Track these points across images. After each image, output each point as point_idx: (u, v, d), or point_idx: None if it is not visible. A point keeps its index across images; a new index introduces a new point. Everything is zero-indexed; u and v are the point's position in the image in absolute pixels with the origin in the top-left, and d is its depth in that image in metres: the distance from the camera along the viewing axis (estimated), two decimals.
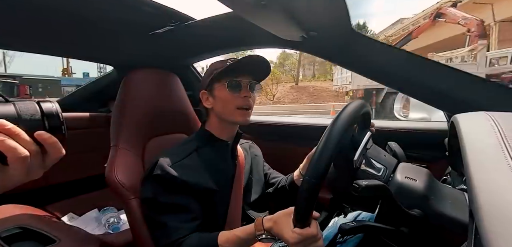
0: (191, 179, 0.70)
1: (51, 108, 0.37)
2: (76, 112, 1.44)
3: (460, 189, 0.55)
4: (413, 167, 0.57)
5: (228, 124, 0.80)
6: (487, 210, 0.27)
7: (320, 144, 0.49)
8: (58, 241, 0.85)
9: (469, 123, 0.45)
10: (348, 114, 0.52)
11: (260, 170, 0.93)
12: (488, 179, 0.30)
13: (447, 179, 0.66)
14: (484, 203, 0.28)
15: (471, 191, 0.31)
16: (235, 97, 0.76)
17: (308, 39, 0.76)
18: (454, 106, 0.66)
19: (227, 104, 0.77)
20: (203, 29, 0.95)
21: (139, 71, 0.92)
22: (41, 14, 0.84)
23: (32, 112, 0.35)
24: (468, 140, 0.40)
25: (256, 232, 0.62)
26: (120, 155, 0.84)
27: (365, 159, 0.59)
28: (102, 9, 0.82)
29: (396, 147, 0.65)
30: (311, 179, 0.48)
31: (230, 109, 0.77)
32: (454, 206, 0.49)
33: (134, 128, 0.87)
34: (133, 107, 0.88)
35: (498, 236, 0.25)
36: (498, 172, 0.30)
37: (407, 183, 0.52)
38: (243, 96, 0.77)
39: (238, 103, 0.76)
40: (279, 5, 0.57)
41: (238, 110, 0.77)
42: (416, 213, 0.49)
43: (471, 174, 0.32)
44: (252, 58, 0.75)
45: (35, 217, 1.00)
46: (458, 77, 0.66)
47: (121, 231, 1.21)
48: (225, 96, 0.76)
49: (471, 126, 0.44)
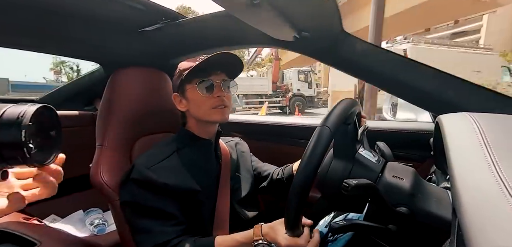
0: (171, 181, 0.68)
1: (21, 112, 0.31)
2: (60, 110, 1.39)
3: (444, 187, 0.57)
4: (400, 166, 0.58)
5: (207, 124, 0.79)
6: (469, 207, 0.28)
7: (307, 151, 0.50)
8: (38, 244, 0.82)
9: (452, 123, 0.47)
10: (337, 114, 0.53)
11: (248, 166, 0.91)
12: (469, 177, 0.31)
13: (432, 177, 0.68)
14: (466, 201, 0.29)
15: (454, 189, 0.32)
16: (208, 98, 0.74)
17: (300, 40, 0.77)
18: (440, 108, 0.68)
19: (201, 106, 0.75)
20: (194, 28, 0.93)
21: (126, 70, 0.90)
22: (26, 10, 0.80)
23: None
24: (451, 139, 0.41)
25: (254, 237, 0.63)
26: (106, 155, 0.81)
27: (364, 144, 0.61)
28: (89, 5, 0.79)
29: (384, 146, 0.67)
30: (298, 186, 0.49)
31: (204, 110, 0.75)
32: (439, 203, 0.51)
33: (121, 127, 0.85)
34: (120, 106, 0.86)
35: (479, 232, 0.25)
36: (478, 171, 0.31)
37: (395, 182, 0.54)
38: (216, 96, 0.74)
39: (212, 103, 0.74)
40: (272, 5, 0.57)
41: (214, 110, 0.75)
42: (403, 210, 0.51)
43: (454, 173, 0.33)
44: (221, 56, 0.72)
45: (14, 219, 0.95)
46: (445, 79, 0.68)
47: (107, 232, 1.17)
48: (198, 97, 0.74)
49: (454, 126, 0.45)
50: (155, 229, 0.66)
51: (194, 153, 0.77)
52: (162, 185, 0.67)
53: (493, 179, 0.29)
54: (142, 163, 0.70)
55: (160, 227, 0.66)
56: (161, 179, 0.67)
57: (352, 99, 0.61)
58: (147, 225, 0.67)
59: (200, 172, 0.75)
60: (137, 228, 0.69)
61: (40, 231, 0.90)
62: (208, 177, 0.77)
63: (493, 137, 0.37)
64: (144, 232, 0.67)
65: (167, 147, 0.76)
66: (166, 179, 0.68)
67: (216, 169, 0.81)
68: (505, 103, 0.62)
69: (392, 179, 0.54)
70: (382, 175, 0.56)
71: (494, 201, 0.27)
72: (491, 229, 0.25)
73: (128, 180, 0.70)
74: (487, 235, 0.25)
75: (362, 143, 0.62)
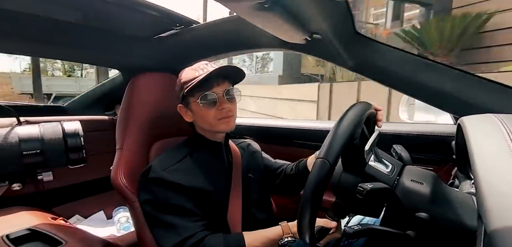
0: (185, 182, 0.70)
1: (73, 128, 0.43)
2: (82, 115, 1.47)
3: (468, 192, 0.54)
4: (419, 170, 0.56)
5: (213, 132, 0.79)
6: (496, 213, 0.27)
7: (325, 143, 0.49)
8: (64, 243, 0.86)
9: (476, 125, 0.44)
10: (354, 114, 0.52)
11: (260, 167, 0.90)
12: (496, 182, 0.30)
13: (454, 182, 0.65)
14: (493, 206, 0.27)
15: (480, 194, 0.30)
16: (210, 111, 0.74)
17: (311, 42, 0.76)
18: (462, 109, 0.65)
19: (205, 119, 0.75)
20: (207, 33, 0.96)
21: (144, 75, 0.93)
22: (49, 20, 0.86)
23: (55, 133, 0.41)
24: (475, 142, 0.39)
25: (283, 235, 0.66)
26: (126, 157, 0.84)
27: (375, 155, 0.58)
28: (107, 14, 0.84)
29: (402, 149, 0.64)
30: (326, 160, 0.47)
31: (209, 122, 0.75)
32: (462, 209, 0.48)
33: (139, 131, 0.88)
34: (139, 110, 0.89)
35: (507, 239, 0.24)
36: (506, 175, 0.30)
37: (414, 186, 0.52)
38: (220, 108, 0.74)
39: (217, 115, 0.74)
40: (283, 8, 0.57)
41: (219, 121, 0.74)
42: (423, 216, 0.49)
43: (480, 177, 0.32)
44: (222, 69, 0.72)
45: (43, 219, 1.01)
46: (466, 79, 0.65)
47: (126, 233, 1.22)
48: (201, 112, 0.74)
49: (479, 128, 0.43)
50: (179, 224, 0.68)
51: (205, 155, 0.79)
52: (178, 185, 0.69)
53: None
54: (157, 164, 0.73)
55: (183, 222, 0.68)
56: (176, 180, 0.70)
57: (360, 108, 0.56)
58: (170, 221, 0.68)
59: (211, 173, 0.77)
60: (159, 225, 0.71)
61: (66, 230, 0.95)
62: (219, 178, 0.79)
63: None
64: (168, 227, 0.69)
65: (179, 151, 0.78)
66: (181, 180, 0.70)
67: (227, 169, 0.82)
68: None
69: (410, 183, 0.52)
70: (399, 179, 0.54)
71: None
72: None
73: (146, 180, 0.72)
74: None
75: (373, 151, 0.59)
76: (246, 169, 0.86)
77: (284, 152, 1.20)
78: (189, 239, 0.66)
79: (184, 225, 0.68)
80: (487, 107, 0.61)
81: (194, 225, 0.69)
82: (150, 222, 0.75)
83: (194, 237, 0.67)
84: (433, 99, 0.69)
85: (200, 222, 0.70)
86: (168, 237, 0.68)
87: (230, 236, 0.70)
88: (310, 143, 1.14)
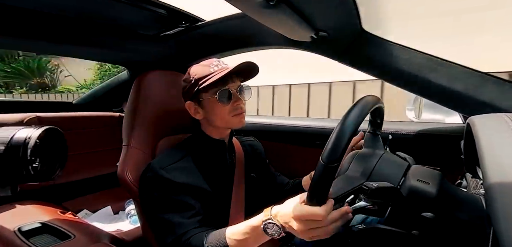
0: (184, 180, 0.70)
1: (22, 138, 0.37)
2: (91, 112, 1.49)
3: (476, 193, 0.53)
4: (425, 169, 0.55)
5: (223, 129, 0.80)
6: (506, 214, 0.26)
7: (337, 127, 0.47)
8: (73, 237, 0.89)
9: (486, 125, 0.44)
10: (363, 104, 0.51)
11: (263, 168, 0.91)
12: (506, 182, 0.29)
13: (462, 182, 0.64)
14: (503, 207, 0.27)
15: (489, 194, 0.30)
16: (226, 106, 0.74)
17: (317, 40, 0.75)
18: (470, 108, 0.63)
19: (219, 114, 0.75)
20: (213, 30, 0.96)
21: (150, 72, 0.94)
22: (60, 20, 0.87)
23: None
24: (485, 142, 0.39)
25: (263, 218, 0.56)
26: (132, 154, 0.86)
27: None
28: (114, 13, 0.85)
29: (406, 157, 0.63)
30: (328, 162, 0.45)
31: (223, 118, 0.75)
32: (470, 210, 0.48)
33: (145, 128, 0.89)
34: (145, 107, 0.90)
35: None
36: None
37: (420, 186, 0.51)
38: (235, 104, 0.75)
39: (230, 111, 0.75)
40: (289, 5, 0.57)
41: (233, 117, 0.75)
42: (428, 216, 0.48)
43: (489, 177, 0.31)
44: (242, 67, 0.72)
45: (53, 213, 1.04)
46: (476, 78, 0.64)
47: (132, 228, 1.24)
48: (216, 107, 0.74)
49: (488, 128, 0.42)
50: (175, 220, 0.68)
51: (207, 154, 0.79)
52: (176, 183, 0.70)
53: None
54: (156, 163, 0.73)
55: (179, 218, 0.68)
56: (175, 178, 0.70)
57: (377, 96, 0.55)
58: (166, 218, 0.69)
59: (213, 172, 0.77)
60: (157, 222, 0.72)
61: (74, 225, 0.98)
62: (221, 176, 0.79)
63: None
64: (164, 224, 0.69)
65: (179, 150, 0.78)
66: (180, 179, 0.70)
67: (230, 168, 0.82)
68: None
69: (416, 183, 0.52)
70: (405, 178, 0.54)
71: None
72: None
73: (144, 178, 0.74)
74: None
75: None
76: (249, 168, 0.86)
77: (289, 151, 1.20)
78: (183, 236, 0.66)
79: (180, 222, 0.68)
80: (498, 106, 0.60)
81: (189, 221, 0.68)
82: (151, 220, 0.76)
83: (186, 235, 0.67)
84: (443, 98, 0.68)
85: (196, 217, 0.69)
86: (166, 235, 0.69)
87: (211, 235, 0.65)
88: (315, 142, 1.13)
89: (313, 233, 0.50)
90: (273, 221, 0.55)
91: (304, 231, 0.50)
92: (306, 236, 0.51)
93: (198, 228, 0.68)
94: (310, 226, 0.49)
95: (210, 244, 0.63)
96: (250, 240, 0.59)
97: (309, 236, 0.50)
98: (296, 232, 0.51)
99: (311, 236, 0.50)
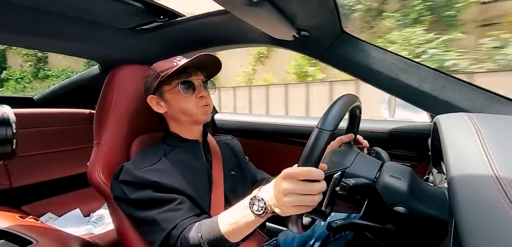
0: (162, 180, 0.68)
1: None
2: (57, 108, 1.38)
3: (441, 187, 0.57)
4: (397, 165, 0.59)
5: (190, 124, 0.78)
6: (465, 206, 0.28)
7: (336, 101, 0.52)
8: (35, 242, 0.81)
9: (449, 123, 0.47)
10: (350, 96, 0.56)
11: (243, 166, 0.90)
12: (466, 176, 0.32)
13: (429, 177, 0.69)
14: (463, 199, 0.29)
15: (451, 187, 0.32)
16: (189, 98, 0.74)
17: (299, 39, 0.77)
18: (438, 108, 0.68)
19: (184, 107, 0.74)
20: (194, 26, 0.93)
21: (124, 68, 0.89)
22: (25, 10, 0.80)
23: None
24: (448, 139, 0.42)
25: (251, 195, 0.55)
26: (104, 153, 0.81)
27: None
28: (86, 4, 0.79)
29: (381, 151, 0.67)
30: (323, 128, 0.47)
31: (190, 110, 0.74)
32: (436, 203, 0.51)
33: (118, 126, 0.84)
34: (118, 104, 0.85)
35: (475, 230, 0.25)
36: (475, 170, 0.32)
37: (392, 182, 0.54)
38: (199, 96, 0.74)
39: (195, 103, 0.74)
40: (271, 3, 0.57)
41: (197, 110, 0.75)
42: (400, 210, 0.51)
43: (451, 172, 0.34)
44: (204, 58, 0.72)
45: (12, 219, 0.94)
46: (443, 80, 0.69)
47: (106, 231, 1.17)
48: (179, 99, 0.74)
49: (451, 126, 0.46)
50: (161, 216, 0.65)
51: (183, 154, 0.76)
52: (152, 182, 0.67)
53: (489, 178, 0.29)
54: (131, 165, 0.70)
55: (164, 214, 0.65)
56: (153, 178, 0.67)
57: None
58: (151, 215, 0.65)
59: (190, 172, 0.74)
60: (142, 222, 0.68)
61: (37, 229, 0.90)
62: (199, 177, 0.76)
63: (489, 136, 0.37)
64: (150, 223, 0.66)
65: (155, 153, 0.75)
66: (157, 179, 0.67)
67: (207, 168, 0.80)
68: (502, 104, 0.63)
69: (389, 179, 0.55)
70: (380, 175, 0.56)
71: (490, 199, 0.27)
72: (486, 227, 0.25)
73: (117, 181, 0.70)
74: (482, 233, 0.25)
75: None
76: (229, 166, 0.85)
77: (270, 148, 1.21)
78: (173, 230, 0.64)
79: (166, 217, 0.65)
80: (462, 107, 0.65)
81: (174, 214, 0.65)
82: (133, 221, 0.72)
83: (177, 228, 0.64)
84: (413, 98, 0.73)
85: (180, 209, 0.66)
86: (153, 233, 0.65)
87: (203, 225, 0.62)
88: (297, 140, 1.15)
89: (299, 200, 0.46)
90: (258, 196, 0.53)
91: (290, 201, 0.46)
92: (291, 205, 0.47)
93: (187, 219, 0.65)
94: (298, 192, 0.46)
95: (204, 234, 0.60)
96: (242, 224, 0.56)
97: (295, 205, 0.47)
98: (281, 204, 0.48)
99: (297, 205, 0.47)
